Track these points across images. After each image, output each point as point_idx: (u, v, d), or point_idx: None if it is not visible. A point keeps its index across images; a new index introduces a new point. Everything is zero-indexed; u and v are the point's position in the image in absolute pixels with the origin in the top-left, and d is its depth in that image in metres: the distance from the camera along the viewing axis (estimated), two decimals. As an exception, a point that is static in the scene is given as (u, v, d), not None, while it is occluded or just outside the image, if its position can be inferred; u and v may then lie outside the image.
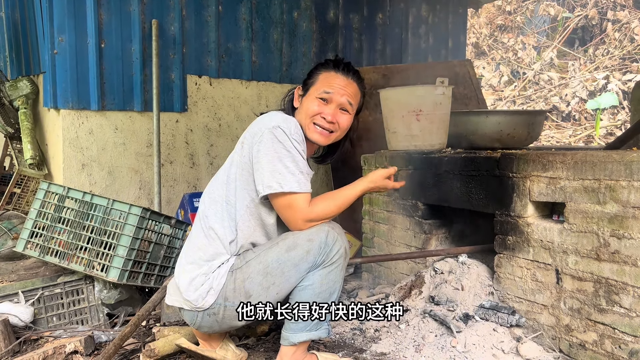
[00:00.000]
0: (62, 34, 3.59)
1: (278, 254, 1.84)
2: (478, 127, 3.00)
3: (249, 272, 1.85)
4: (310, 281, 1.86)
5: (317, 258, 1.83)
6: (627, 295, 1.79)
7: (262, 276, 1.84)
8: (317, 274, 1.85)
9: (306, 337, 1.91)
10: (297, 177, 1.81)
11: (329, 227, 1.87)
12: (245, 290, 1.85)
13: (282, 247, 1.85)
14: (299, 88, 2.03)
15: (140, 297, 2.79)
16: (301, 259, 1.83)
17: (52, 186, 2.69)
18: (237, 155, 1.92)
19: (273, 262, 1.84)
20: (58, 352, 2.14)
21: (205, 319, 1.90)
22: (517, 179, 2.20)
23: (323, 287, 1.86)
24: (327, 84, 1.94)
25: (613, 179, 1.83)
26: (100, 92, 3.71)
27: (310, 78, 2.00)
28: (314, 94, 1.94)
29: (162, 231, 2.76)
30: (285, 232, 1.91)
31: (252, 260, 1.87)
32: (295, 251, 1.83)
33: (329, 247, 1.84)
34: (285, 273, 1.84)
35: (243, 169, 1.89)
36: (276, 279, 1.84)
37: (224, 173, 1.96)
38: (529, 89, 10.45)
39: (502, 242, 2.29)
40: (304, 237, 1.84)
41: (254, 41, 4.40)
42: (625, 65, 9.84)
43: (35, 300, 2.51)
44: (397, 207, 3.04)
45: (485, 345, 2.12)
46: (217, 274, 1.86)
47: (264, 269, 1.84)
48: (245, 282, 1.85)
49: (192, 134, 4.15)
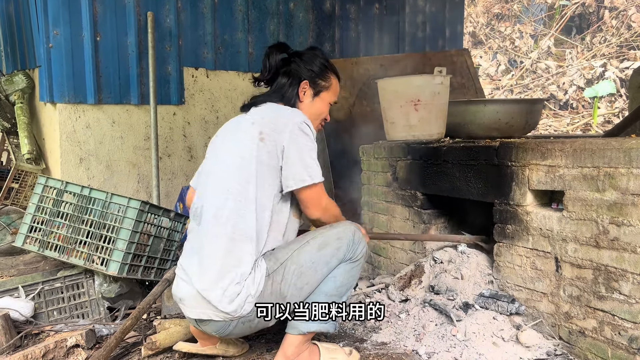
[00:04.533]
0: (57, 28, 3.57)
1: (310, 253, 1.86)
2: (476, 116, 3.00)
3: (284, 274, 1.83)
4: (334, 274, 1.90)
5: (347, 254, 1.90)
6: (626, 282, 1.80)
7: (296, 277, 1.84)
8: (342, 267, 1.91)
9: (316, 327, 1.91)
10: (319, 168, 1.90)
11: (355, 227, 1.95)
12: (280, 292, 1.83)
13: (313, 246, 1.87)
14: (307, 83, 2.05)
15: (140, 290, 2.79)
16: (332, 256, 1.88)
17: (50, 180, 2.68)
18: (256, 151, 1.83)
19: (307, 262, 1.85)
20: (59, 346, 2.14)
21: (239, 327, 1.84)
22: (516, 167, 2.20)
23: (344, 281, 1.92)
24: (336, 92, 2.15)
25: (612, 166, 1.83)
26: (97, 86, 3.69)
27: (323, 79, 2.09)
28: (327, 99, 2.12)
29: (161, 224, 2.76)
30: (310, 231, 1.95)
31: (287, 261, 1.84)
32: (326, 249, 1.88)
33: (356, 245, 1.92)
34: (317, 271, 1.87)
35: (269, 165, 1.84)
36: (310, 279, 1.86)
37: (241, 171, 1.85)
38: (526, 78, 10.44)
39: (501, 230, 2.30)
40: (333, 236, 1.90)
41: (250, 32, 4.37)
42: (622, 53, 9.83)
43: (35, 295, 2.51)
44: (396, 198, 3.04)
45: (485, 333, 2.13)
46: (252, 280, 1.78)
47: (298, 269, 1.84)
48: (281, 284, 1.83)
49: (190, 127, 4.13)
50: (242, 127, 1.94)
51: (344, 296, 1.94)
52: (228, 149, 1.94)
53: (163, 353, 2.19)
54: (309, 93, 2.07)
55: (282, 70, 2.07)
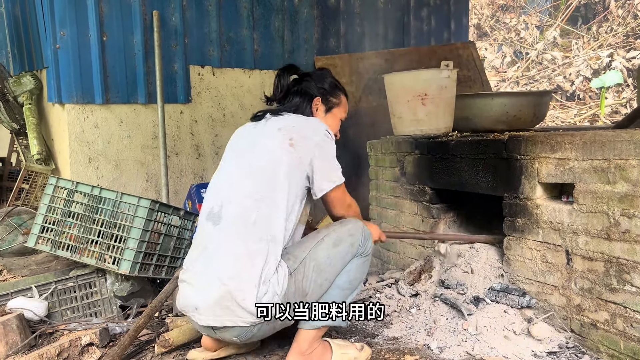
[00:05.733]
0: (64, 28, 3.58)
1: (327, 250, 1.91)
2: (484, 109, 2.99)
3: (304, 272, 1.86)
4: (347, 268, 1.96)
5: (359, 249, 1.97)
6: (638, 274, 1.79)
7: (316, 273, 1.88)
8: (355, 262, 1.98)
9: (330, 321, 1.92)
10: (340, 169, 2.01)
11: (363, 224, 2.04)
12: (302, 290, 1.86)
13: (328, 243, 1.92)
14: (319, 99, 2.14)
15: (152, 288, 2.81)
16: (347, 252, 1.94)
17: (60, 181, 2.70)
18: (287, 156, 1.88)
19: (324, 259, 1.90)
20: (74, 344, 2.16)
21: (263, 329, 1.84)
22: (525, 160, 2.20)
23: (357, 275, 1.99)
24: (345, 109, 2.26)
25: (623, 158, 1.83)
26: (104, 86, 3.70)
27: (334, 97, 2.19)
28: (338, 115, 2.21)
29: (171, 222, 2.78)
30: (321, 229, 2.00)
31: (306, 259, 1.88)
32: (341, 246, 1.93)
33: (366, 240, 2.00)
34: (334, 267, 1.92)
35: (298, 170, 1.89)
36: (328, 275, 1.91)
37: (270, 174, 1.87)
38: (532, 69, 10.38)
39: (511, 224, 2.29)
40: (346, 232, 1.96)
41: (256, 29, 4.37)
42: (629, 43, 9.74)
43: (48, 294, 2.53)
44: (405, 193, 3.04)
45: (496, 327, 2.13)
46: (276, 279, 1.80)
47: (317, 267, 1.88)
48: (302, 281, 1.86)
49: (197, 125, 4.14)
50: (268, 132, 1.98)
51: (356, 289, 2.01)
52: (254, 152, 1.95)
53: (176, 350, 2.21)
54: (321, 109, 2.15)
55: (293, 89, 2.13)
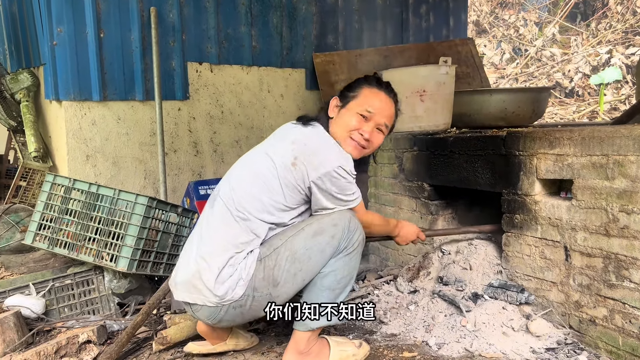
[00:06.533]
0: (61, 25, 3.56)
1: (305, 239, 1.85)
2: (482, 106, 2.99)
3: (277, 259, 1.83)
4: (333, 267, 1.88)
5: (341, 243, 1.87)
6: (637, 270, 1.79)
7: (290, 263, 1.83)
8: (339, 261, 1.88)
9: (324, 322, 1.91)
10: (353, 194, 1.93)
11: (351, 214, 1.91)
12: (273, 278, 1.83)
13: (308, 233, 1.86)
14: (336, 99, 2.02)
15: (149, 285, 2.81)
16: (327, 243, 1.85)
17: (58, 178, 2.69)
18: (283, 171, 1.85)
19: (300, 249, 1.84)
20: (71, 342, 2.15)
21: (230, 312, 1.84)
22: (523, 157, 2.19)
23: (345, 273, 1.90)
24: (369, 101, 1.96)
25: (621, 154, 1.82)
26: (102, 83, 3.68)
27: (350, 91, 2.00)
28: (354, 109, 1.96)
29: (169, 220, 2.77)
30: (307, 218, 1.93)
31: (280, 247, 1.85)
32: (321, 236, 1.85)
33: (352, 233, 1.89)
34: (311, 258, 1.85)
35: (293, 187, 1.85)
36: (303, 265, 1.85)
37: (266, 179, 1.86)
38: (531, 66, 10.37)
39: (509, 220, 2.29)
40: (329, 222, 1.87)
41: (254, 26, 4.35)
42: (628, 39, 9.73)
43: (46, 292, 2.53)
44: (403, 189, 3.04)
45: (495, 323, 2.13)
46: (244, 264, 1.81)
47: (291, 256, 1.84)
48: (273, 269, 1.83)
49: (195, 122, 4.13)
50: (286, 138, 1.94)
51: (347, 287, 1.94)
52: (268, 152, 1.93)
53: (174, 347, 2.20)
54: (336, 107, 2.01)
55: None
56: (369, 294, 2.68)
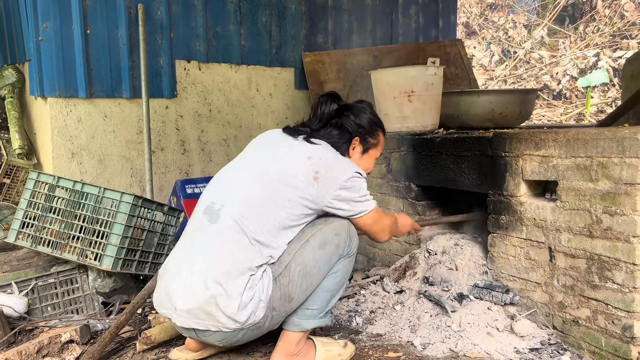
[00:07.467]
0: (47, 21, 3.52)
1: (312, 252, 1.85)
2: (470, 107, 3.00)
3: (290, 276, 1.82)
4: (335, 269, 1.92)
5: (344, 250, 1.93)
6: (619, 271, 1.81)
7: (302, 277, 1.83)
8: (341, 263, 1.93)
9: (317, 323, 1.92)
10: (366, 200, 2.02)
11: (348, 223, 1.97)
12: (288, 295, 1.82)
13: (314, 245, 1.86)
14: (358, 140, 2.09)
15: (134, 285, 2.78)
16: (333, 253, 1.89)
17: (41, 176, 2.66)
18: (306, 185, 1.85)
19: (310, 261, 1.84)
20: (54, 341, 2.13)
21: (247, 335, 1.81)
22: (509, 158, 2.20)
23: (344, 275, 1.96)
24: (382, 148, 2.22)
25: (605, 155, 1.83)
26: (88, 79, 3.65)
27: (372, 137, 2.14)
28: (374, 155, 2.18)
29: (154, 218, 2.75)
30: (306, 228, 1.91)
31: (290, 263, 1.83)
32: (328, 247, 1.88)
33: (351, 240, 1.95)
34: (321, 270, 1.88)
35: (310, 202, 1.87)
36: (313, 278, 1.86)
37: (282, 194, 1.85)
38: (519, 68, 10.43)
39: (495, 221, 2.30)
40: (331, 232, 1.90)
41: (243, 24, 4.33)
42: (615, 42, 9.83)
43: (29, 291, 2.49)
44: (391, 189, 3.04)
45: (480, 323, 2.14)
46: (261, 285, 1.77)
47: (302, 270, 1.83)
48: (288, 286, 1.82)
49: (183, 120, 4.10)
50: (296, 155, 1.93)
51: (342, 288, 1.99)
52: (274, 164, 1.91)
53: (158, 347, 2.19)
54: (358, 150, 2.10)
55: (332, 121, 2.06)
56: (355, 294, 2.68)
